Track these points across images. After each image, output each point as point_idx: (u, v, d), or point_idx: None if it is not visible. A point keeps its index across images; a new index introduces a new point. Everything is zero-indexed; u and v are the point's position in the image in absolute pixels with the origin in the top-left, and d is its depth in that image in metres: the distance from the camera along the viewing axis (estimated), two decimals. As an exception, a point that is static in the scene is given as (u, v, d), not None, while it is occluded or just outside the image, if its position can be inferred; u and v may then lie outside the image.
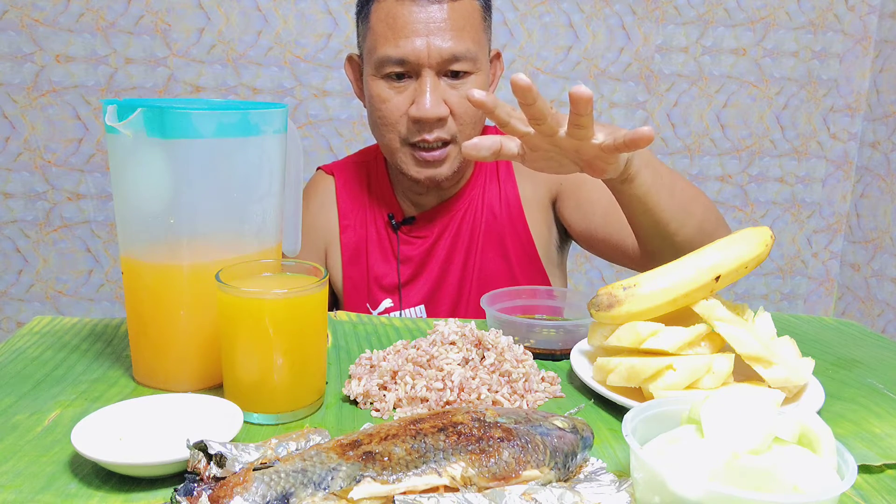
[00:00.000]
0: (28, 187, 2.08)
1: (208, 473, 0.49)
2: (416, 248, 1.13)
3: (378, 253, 1.14)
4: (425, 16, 0.97)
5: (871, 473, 0.59)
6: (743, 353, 0.66)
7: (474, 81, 1.02)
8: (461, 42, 0.98)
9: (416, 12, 0.97)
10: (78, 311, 2.17)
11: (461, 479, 0.49)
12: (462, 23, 0.99)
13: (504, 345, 0.72)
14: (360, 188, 1.18)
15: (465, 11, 0.99)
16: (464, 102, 1.01)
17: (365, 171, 1.19)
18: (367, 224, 1.15)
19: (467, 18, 1.00)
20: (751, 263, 0.71)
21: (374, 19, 1.00)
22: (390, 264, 1.14)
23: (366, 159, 1.20)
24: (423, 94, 0.99)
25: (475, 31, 1.01)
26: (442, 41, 0.97)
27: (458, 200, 1.13)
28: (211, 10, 2.02)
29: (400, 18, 0.97)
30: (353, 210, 1.16)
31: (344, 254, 1.15)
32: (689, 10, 2.19)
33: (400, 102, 1.01)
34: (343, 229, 1.15)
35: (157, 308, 0.70)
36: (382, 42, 0.99)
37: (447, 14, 0.98)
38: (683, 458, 0.49)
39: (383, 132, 1.05)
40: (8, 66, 1.99)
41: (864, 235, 2.36)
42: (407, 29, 0.97)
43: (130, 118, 0.63)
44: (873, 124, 2.32)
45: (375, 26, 1.00)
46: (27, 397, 0.68)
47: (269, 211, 0.73)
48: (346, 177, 1.18)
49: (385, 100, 1.02)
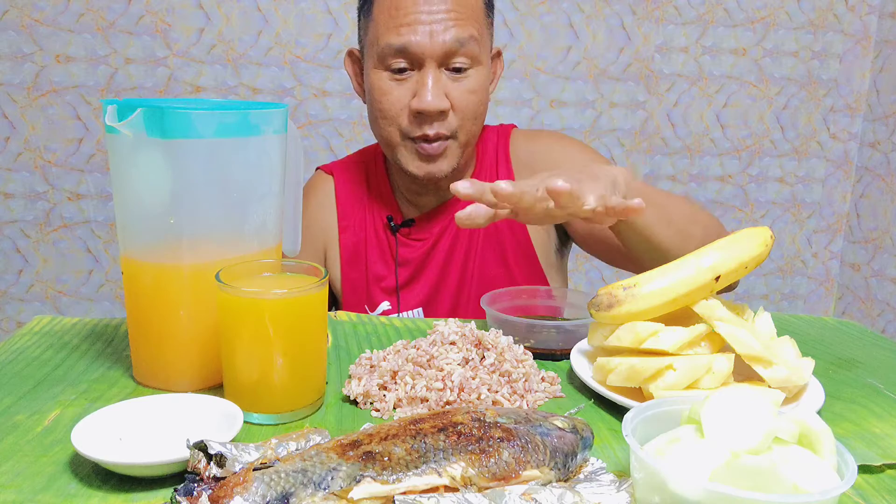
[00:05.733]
0: (28, 187, 2.08)
1: (208, 473, 0.49)
2: (414, 250, 1.13)
3: (377, 254, 1.14)
4: (428, 6, 0.97)
5: (871, 473, 0.59)
6: (743, 353, 0.66)
7: (475, 76, 1.01)
8: (464, 33, 0.98)
9: (420, 4, 0.97)
10: (78, 311, 2.17)
11: (461, 479, 0.49)
12: (465, 15, 0.99)
13: (504, 345, 0.72)
14: (359, 189, 1.17)
15: (466, 6, 0.99)
16: (465, 96, 1.01)
17: (364, 172, 1.18)
18: (366, 225, 1.15)
19: (470, 11, 1.00)
20: (751, 263, 0.71)
21: (377, 10, 1.00)
22: (389, 266, 1.13)
23: (365, 159, 1.20)
24: (424, 86, 0.98)
25: (478, 25, 1.01)
26: (445, 31, 0.97)
27: (457, 202, 1.12)
28: (211, 10, 2.02)
29: (403, 8, 0.97)
30: (352, 211, 1.15)
31: (343, 255, 1.15)
32: (689, 10, 2.19)
33: (401, 95, 1.00)
34: (342, 230, 1.15)
35: (157, 308, 0.70)
36: (385, 32, 0.98)
37: (451, 5, 0.98)
38: (683, 458, 0.49)
39: (383, 126, 1.04)
40: (8, 66, 1.99)
41: (864, 235, 2.36)
42: (410, 18, 0.97)
43: (130, 118, 0.63)
44: (873, 124, 2.32)
45: (378, 17, 1.00)
46: (27, 397, 0.68)
47: (269, 211, 0.73)
48: (346, 177, 1.18)
49: (386, 92, 1.01)
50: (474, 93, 1.02)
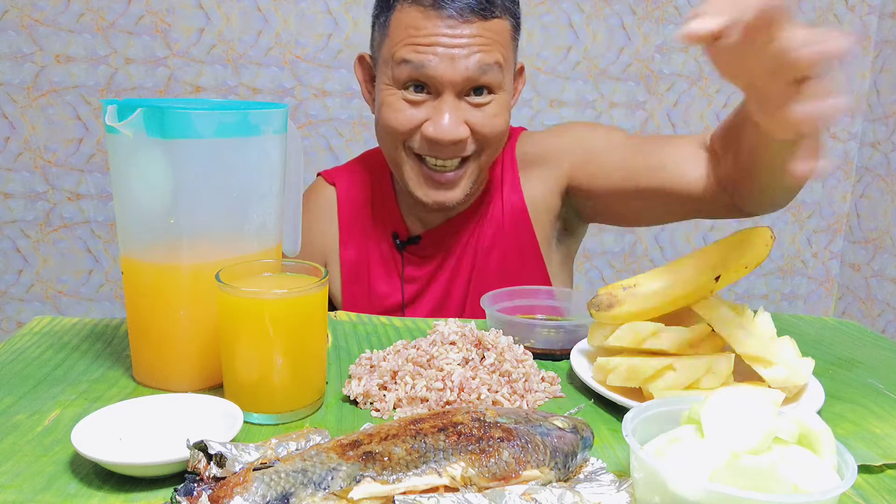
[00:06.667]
0: (28, 187, 2.08)
1: (208, 473, 0.49)
2: (421, 269, 1.07)
3: (381, 272, 1.08)
4: (451, 29, 0.88)
5: (871, 473, 0.59)
6: (743, 353, 0.66)
7: (497, 102, 0.94)
8: (489, 59, 0.90)
9: (441, 27, 0.88)
10: (78, 311, 2.17)
11: (461, 479, 0.49)
12: (491, 40, 0.90)
13: (504, 345, 0.72)
14: (362, 201, 1.10)
15: (494, 31, 0.91)
16: (486, 121, 0.93)
17: (368, 183, 1.11)
18: (369, 241, 1.08)
19: (496, 38, 0.91)
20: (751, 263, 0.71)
21: (395, 27, 0.92)
22: (393, 284, 1.08)
23: (370, 167, 1.12)
24: (441, 112, 0.91)
25: (504, 52, 0.93)
26: (468, 57, 0.89)
27: (465, 219, 1.06)
28: (211, 10, 2.02)
29: (423, 31, 0.89)
30: (354, 225, 1.09)
31: (344, 271, 1.09)
32: (689, 10, 2.18)
33: (413, 116, 0.93)
34: (343, 244, 1.09)
35: (157, 308, 0.70)
36: (400, 54, 0.90)
37: (476, 29, 0.89)
38: (683, 458, 0.49)
39: (389, 143, 0.96)
40: (8, 66, 1.99)
41: (864, 235, 2.36)
42: (429, 40, 0.88)
43: (130, 118, 0.63)
44: (873, 124, 2.31)
45: (395, 35, 0.91)
46: (27, 397, 0.68)
47: (269, 211, 0.73)
48: (349, 188, 1.11)
49: (397, 110, 0.93)
50: (497, 116, 0.95)
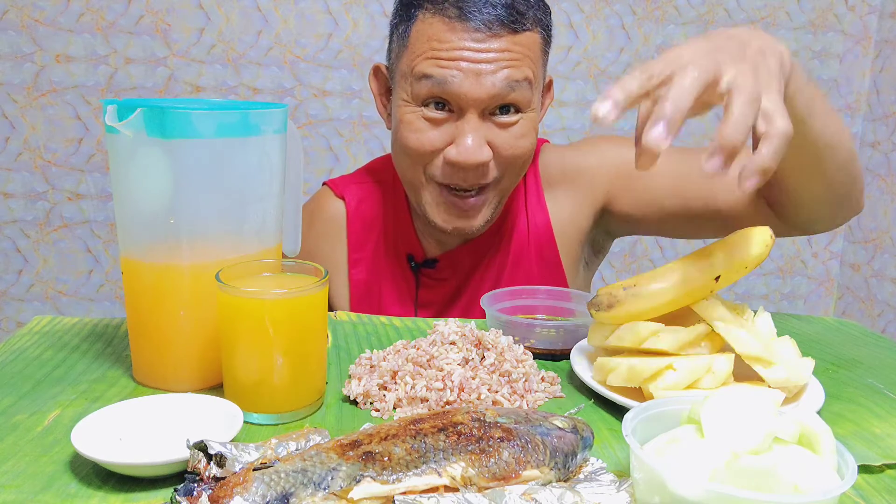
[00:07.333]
0: (28, 187, 2.08)
1: (208, 473, 0.49)
2: (437, 293, 1.00)
3: (394, 295, 1.00)
4: (476, 43, 0.81)
5: (871, 473, 0.59)
6: (743, 353, 0.66)
7: (524, 122, 0.87)
8: (516, 81, 0.83)
9: (467, 41, 0.81)
10: (78, 311, 2.17)
11: (461, 479, 0.49)
12: (520, 54, 0.83)
13: (504, 345, 0.72)
14: (374, 218, 1.01)
15: (524, 45, 0.83)
16: (511, 142, 0.87)
17: (380, 197, 1.02)
18: (381, 261, 1.00)
19: (526, 53, 0.84)
20: (751, 263, 0.71)
21: (415, 39, 0.84)
22: (406, 308, 1.00)
23: (382, 179, 1.04)
24: (463, 133, 0.84)
25: (533, 68, 0.85)
26: (494, 73, 0.81)
27: (486, 240, 0.99)
28: (211, 10, 2.02)
29: (446, 44, 0.81)
30: (365, 243, 1.01)
31: (353, 292, 1.01)
32: (689, 10, 2.19)
33: (434, 137, 0.86)
34: (353, 264, 1.00)
35: (157, 308, 0.70)
36: (421, 68, 0.83)
37: (504, 43, 0.81)
38: (683, 458, 0.49)
39: (406, 165, 0.89)
40: (8, 66, 1.99)
41: (864, 235, 2.36)
42: (453, 54, 0.81)
43: (130, 118, 0.63)
44: (873, 124, 2.31)
45: (415, 47, 0.84)
46: (27, 397, 0.68)
47: (269, 211, 0.73)
48: (359, 202, 1.02)
49: (417, 130, 0.86)
50: (524, 137, 0.88)
